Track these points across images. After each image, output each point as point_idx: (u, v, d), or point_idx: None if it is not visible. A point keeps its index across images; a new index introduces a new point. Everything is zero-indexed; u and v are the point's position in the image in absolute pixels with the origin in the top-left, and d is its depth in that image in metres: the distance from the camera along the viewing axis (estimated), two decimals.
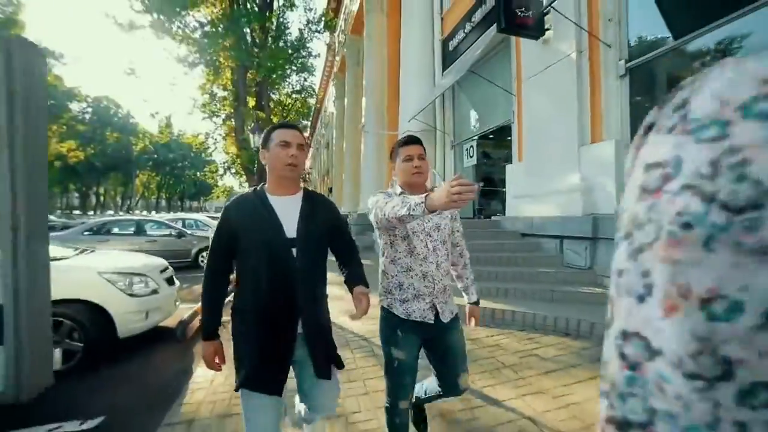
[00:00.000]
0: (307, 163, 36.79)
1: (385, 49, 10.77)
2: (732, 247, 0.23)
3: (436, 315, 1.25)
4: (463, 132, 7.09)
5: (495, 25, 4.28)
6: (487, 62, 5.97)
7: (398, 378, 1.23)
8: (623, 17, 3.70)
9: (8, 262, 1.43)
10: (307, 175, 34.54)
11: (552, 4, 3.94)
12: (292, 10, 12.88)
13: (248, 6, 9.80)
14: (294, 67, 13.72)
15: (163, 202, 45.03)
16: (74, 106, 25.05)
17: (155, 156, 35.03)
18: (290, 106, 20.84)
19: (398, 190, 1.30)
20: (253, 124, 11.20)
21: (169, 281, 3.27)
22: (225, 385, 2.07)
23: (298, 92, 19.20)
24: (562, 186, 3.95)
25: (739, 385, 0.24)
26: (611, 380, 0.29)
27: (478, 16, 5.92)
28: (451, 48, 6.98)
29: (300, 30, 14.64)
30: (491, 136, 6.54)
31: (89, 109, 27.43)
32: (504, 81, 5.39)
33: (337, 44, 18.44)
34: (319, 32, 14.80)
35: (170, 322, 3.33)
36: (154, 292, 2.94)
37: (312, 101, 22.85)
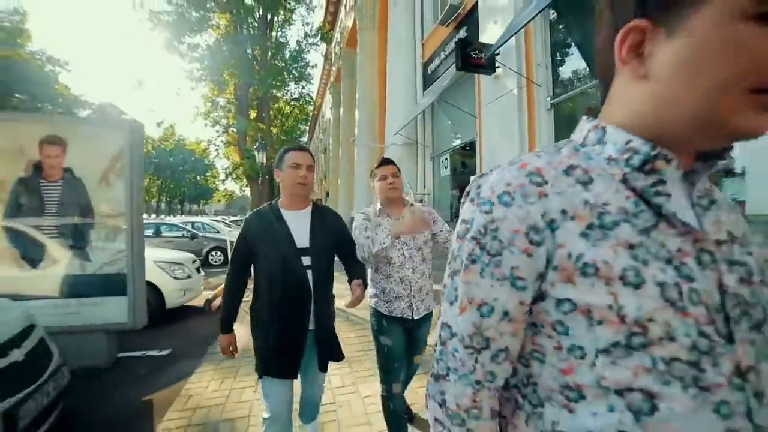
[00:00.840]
0: None
1: (377, 65, 11.86)
2: (489, 276, 0.40)
3: (413, 311, 1.47)
4: (441, 145, 8.17)
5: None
6: (458, 86, 7.05)
7: (388, 363, 1.44)
8: (549, 63, 4.79)
9: (128, 250, 2.50)
10: None
11: (499, 49, 5.02)
12: (289, 28, 13.99)
13: (250, 29, 10.92)
14: (293, 75, 14.80)
15: (163, 206, 46.19)
16: (82, 113, 26.15)
17: (155, 160, 36.20)
18: (289, 112, 21.95)
19: (378, 206, 1.55)
20: (253, 134, 12.29)
21: (198, 270, 4.35)
22: (219, 390, 2.25)
23: (296, 100, 20.33)
24: None
25: (492, 351, 0.41)
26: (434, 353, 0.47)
27: (448, 49, 7.03)
28: (429, 71, 8.07)
29: (298, 42, 15.77)
30: (467, 148, 7.61)
31: (94, 116, 28.48)
32: (469, 104, 6.49)
33: (333, 55, 19.59)
34: (315, 44, 15.93)
35: (197, 301, 4.41)
36: (189, 277, 4.01)
37: (310, 108, 23.94)
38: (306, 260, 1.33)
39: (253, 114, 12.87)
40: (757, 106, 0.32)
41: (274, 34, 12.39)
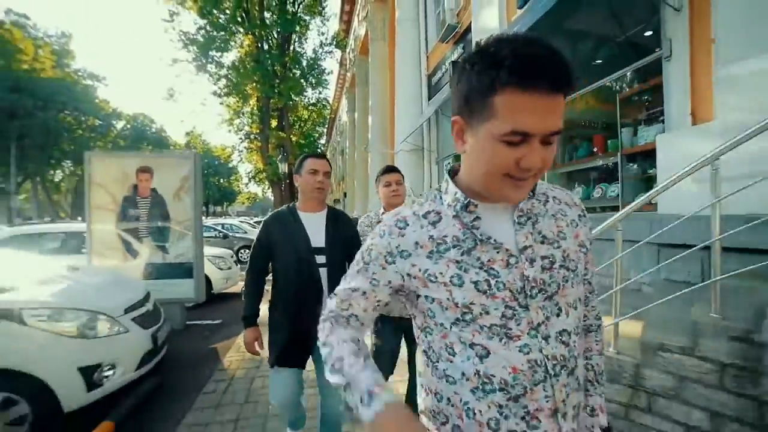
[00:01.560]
0: None
1: (388, 74, 12.74)
2: (362, 274, 0.62)
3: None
4: (445, 150, 8.97)
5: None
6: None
7: (374, 360, 1.54)
8: None
9: (193, 246, 3.56)
10: None
11: None
12: (306, 41, 15.11)
13: (270, 47, 12.09)
14: (310, 82, 15.95)
15: None
16: (119, 124, 28.77)
17: None
18: (307, 117, 23.25)
19: (381, 211, 1.63)
20: (275, 141, 13.50)
21: (235, 263, 5.45)
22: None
23: (314, 104, 21.58)
24: None
25: (348, 312, 0.66)
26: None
27: (448, 64, 7.83)
28: (433, 83, 8.89)
29: (314, 50, 16.90)
30: None
31: (128, 126, 31.07)
32: None
33: (348, 61, 20.62)
34: (330, 53, 17.01)
35: (235, 288, 5.52)
36: (229, 268, 5.10)
37: (326, 111, 25.17)
38: (320, 259, 1.45)
39: (274, 123, 14.09)
40: (509, 184, 0.52)
41: (291, 47, 13.50)
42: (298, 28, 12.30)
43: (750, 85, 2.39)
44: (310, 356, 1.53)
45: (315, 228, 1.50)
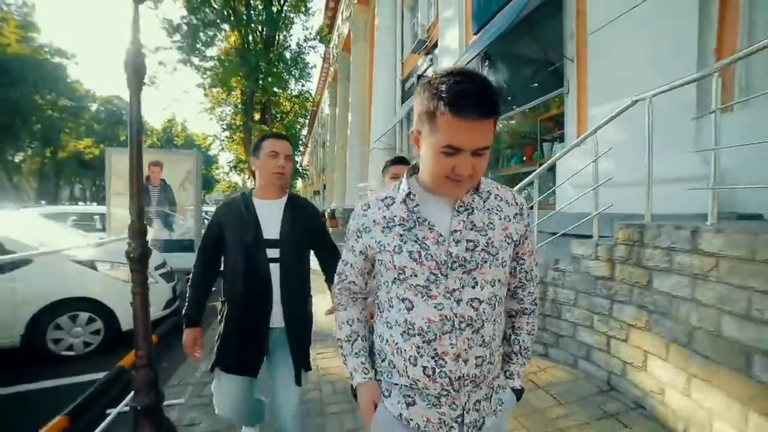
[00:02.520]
0: (306, 159, 39.63)
1: (368, 73, 13.60)
2: (348, 248, 0.87)
3: None
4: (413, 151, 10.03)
5: None
6: None
7: None
8: None
9: (194, 226, 4.43)
10: (305, 172, 37.35)
11: None
12: (290, 37, 15.66)
13: (255, 42, 12.66)
14: (293, 75, 16.57)
15: None
16: (92, 107, 28.08)
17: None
18: (290, 109, 23.80)
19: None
20: (258, 134, 14.14)
21: None
22: None
23: (297, 97, 22.14)
24: None
25: (344, 278, 0.91)
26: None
27: (417, 74, 8.83)
28: (406, 88, 9.88)
29: (298, 44, 17.54)
30: None
31: (102, 109, 30.32)
32: None
33: (331, 56, 21.23)
34: (314, 48, 17.64)
35: None
36: None
37: (309, 104, 25.71)
38: (273, 252, 1.32)
39: (257, 115, 14.67)
40: (449, 183, 0.67)
41: (276, 43, 14.08)
42: (282, 26, 12.93)
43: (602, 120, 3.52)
44: (263, 360, 1.39)
45: (270, 218, 1.36)
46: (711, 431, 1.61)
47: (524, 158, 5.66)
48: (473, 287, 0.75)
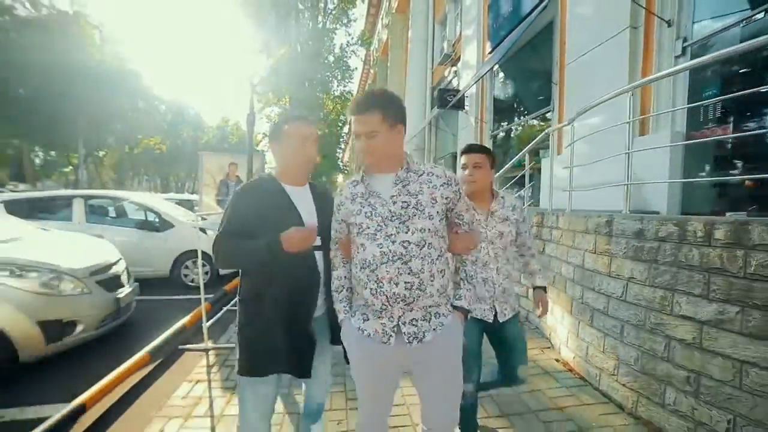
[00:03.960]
0: (346, 156, 41.80)
1: (403, 78, 14.88)
2: (334, 219, 1.30)
3: (495, 314, 1.59)
4: (441, 151, 11.19)
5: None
6: (448, 112, 10.03)
7: (468, 362, 1.46)
8: (492, 108, 7.68)
9: None
10: (345, 168, 39.43)
11: (466, 93, 7.97)
12: (334, 46, 17.37)
13: (302, 55, 14.49)
14: (337, 77, 18.31)
15: None
16: (160, 107, 32.44)
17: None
18: (332, 108, 25.80)
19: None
20: None
21: None
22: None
23: (338, 97, 24.03)
24: None
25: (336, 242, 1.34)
26: None
27: (442, 84, 9.99)
28: (435, 94, 11.05)
29: (341, 48, 19.24)
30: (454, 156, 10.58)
31: (165, 109, 34.62)
32: (453, 127, 9.49)
33: (371, 59, 22.77)
34: (355, 52, 19.25)
35: None
36: None
37: (350, 104, 27.49)
38: (316, 241, 1.29)
39: None
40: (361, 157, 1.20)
41: (322, 53, 15.85)
42: (327, 39, 14.66)
43: (579, 135, 4.54)
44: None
45: (303, 204, 1.35)
46: (557, 331, 2.82)
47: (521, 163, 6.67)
48: (405, 233, 1.12)
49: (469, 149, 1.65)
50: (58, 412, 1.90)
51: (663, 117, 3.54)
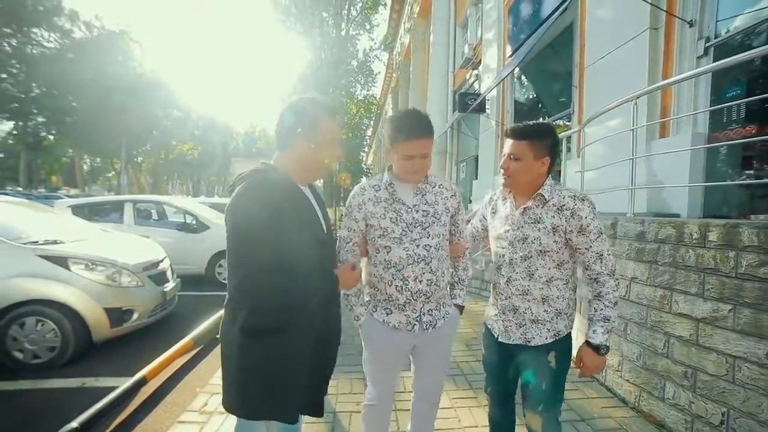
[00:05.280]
0: (370, 159, 42.38)
1: (425, 81, 15.06)
2: (345, 223, 1.41)
3: (500, 332, 1.38)
4: (462, 154, 11.27)
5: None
6: (469, 116, 10.12)
7: (484, 370, 1.51)
8: (512, 110, 7.73)
9: None
10: (369, 171, 40.02)
11: (487, 96, 8.08)
12: (357, 52, 17.86)
13: (326, 61, 15.07)
14: (360, 81, 18.76)
15: None
16: (193, 115, 34.43)
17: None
18: (356, 112, 26.42)
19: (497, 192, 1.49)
20: None
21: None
22: None
23: (362, 101, 24.57)
24: None
25: (347, 244, 1.42)
26: None
27: (464, 87, 10.11)
28: (456, 98, 11.18)
29: (364, 52, 19.71)
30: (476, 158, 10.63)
31: (196, 117, 36.63)
32: (474, 130, 9.58)
33: (394, 63, 23.12)
34: (378, 57, 19.65)
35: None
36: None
37: (373, 108, 28.01)
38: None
39: None
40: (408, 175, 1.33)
41: (347, 55, 16.34)
42: (350, 46, 15.15)
43: (594, 138, 4.57)
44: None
45: (314, 208, 1.19)
46: None
47: None
48: (427, 238, 1.29)
49: (510, 133, 1.31)
50: (124, 383, 2.30)
51: (685, 118, 3.56)
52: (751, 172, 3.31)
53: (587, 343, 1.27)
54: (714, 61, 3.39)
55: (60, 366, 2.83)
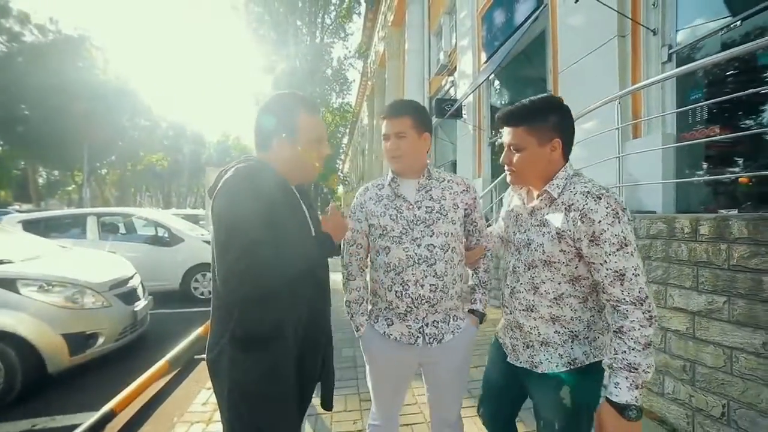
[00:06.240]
0: (347, 167, 42.23)
1: (401, 89, 15.19)
2: (352, 218, 1.33)
3: (508, 350, 1.18)
4: (441, 158, 11.38)
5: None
6: (446, 122, 10.26)
7: (482, 386, 1.29)
8: (489, 115, 7.88)
9: None
10: (346, 178, 39.85)
11: (463, 102, 8.19)
12: (331, 61, 17.80)
13: (302, 69, 14.90)
14: (335, 90, 18.68)
15: None
16: (162, 124, 33.01)
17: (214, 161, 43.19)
18: (331, 120, 26.25)
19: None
20: None
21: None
22: None
23: (337, 109, 24.46)
24: None
25: (352, 245, 1.32)
26: None
27: (440, 94, 10.24)
28: (432, 104, 11.31)
29: (338, 60, 19.62)
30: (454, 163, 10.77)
31: (166, 125, 35.23)
32: (452, 136, 9.70)
33: (369, 70, 23.25)
34: (352, 65, 19.67)
35: None
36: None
37: (348, 115, 27.98)
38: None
39: None
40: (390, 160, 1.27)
41: (322, 63, 16.25)
42: (324, 53, 15.07)
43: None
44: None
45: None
46: None
47: None
48: (430, 236, 1.17)
49: (503, 119, 1.08)
50: (87, 419, 2.01)
51: (655, 120, 3.70)
52: (716, 169, 3.49)
53: (608, 401, 0.92)
54: (677, 67, 3.59)
55: (6, 405, 2.44)
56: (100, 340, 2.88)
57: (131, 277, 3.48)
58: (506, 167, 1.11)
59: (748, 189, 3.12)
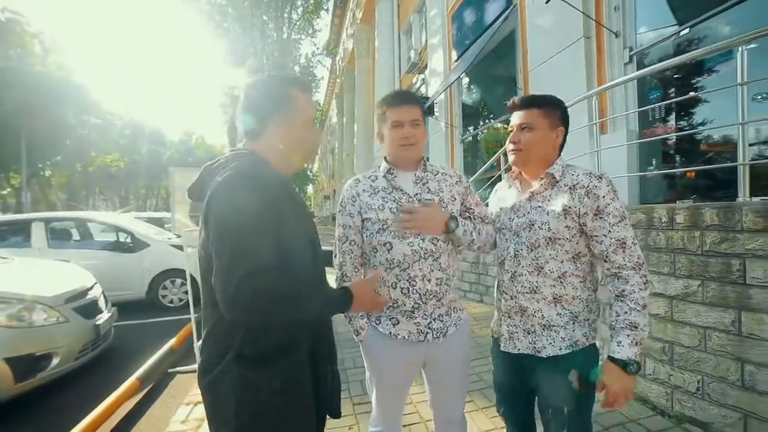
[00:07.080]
0: (316, 166, 41.52)
1: (371, 86, 15.10)
2: (342, 215, 1.21)
3: (506, 340, 1.17)
4: None
5: None
6: None
7: (495, 390, 1.30)
8: (461, 113, 8.02)
9: None
10: (315, 178, 39.20)
11: (435, 100, 8.27)
12: (299, 57, 17.33)
13: (269, 65, 14.37)
14: None
15: None
16: (116, 123, 30.62)
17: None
18: None
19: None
20: None
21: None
22: None
23: None
24: None
25: (345, 242, 1.21)
26: None
27: (411, 91, 10.31)
28: None
29: (306, 57, 19.17)
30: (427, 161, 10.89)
31: (120, 124, 32.82)
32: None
33: (338, 68, 22.93)
34: (320, 62, 19.30)
35: None
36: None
37: (318, 113, 27.50)
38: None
39: None
40: (401, 149, 1.18)
41: (290, 60, 15.77)
42: (292, 48, 14.64)
43: None
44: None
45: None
46: None
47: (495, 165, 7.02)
48: None
49: (519, 103, 1.15)
50: None
51: (619, 117, 3.90)
52: (672, 164, 3.77)
53: (611, 359, 0.99)
54: (638, 68, 3.82)
55: None
56: (55, 361, 2.57)
57: (90, 288, 3.17)
58: (512, 147, 1.15)
59: (694, 182, 3.39)
